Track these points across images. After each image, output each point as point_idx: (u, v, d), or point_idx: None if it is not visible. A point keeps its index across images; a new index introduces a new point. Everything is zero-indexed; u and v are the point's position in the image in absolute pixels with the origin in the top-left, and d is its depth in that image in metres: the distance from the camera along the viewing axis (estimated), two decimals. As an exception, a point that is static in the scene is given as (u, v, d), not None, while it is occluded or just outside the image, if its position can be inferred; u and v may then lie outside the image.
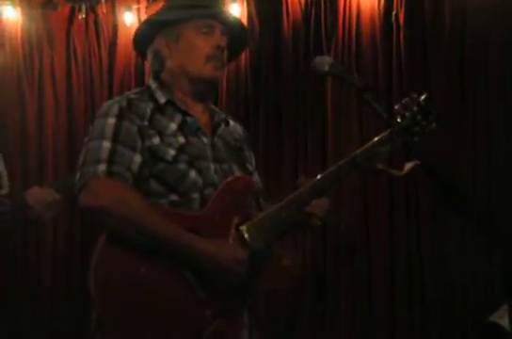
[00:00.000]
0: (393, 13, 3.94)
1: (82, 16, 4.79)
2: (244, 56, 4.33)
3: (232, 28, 2.24)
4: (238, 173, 2.17)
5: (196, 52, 2.14)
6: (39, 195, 2.62)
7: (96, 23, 4.80)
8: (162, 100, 2.14)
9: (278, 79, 4.28)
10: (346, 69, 2.20)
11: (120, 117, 2.05)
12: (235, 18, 2.35)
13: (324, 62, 2.03)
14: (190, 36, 2.16)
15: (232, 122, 2.30)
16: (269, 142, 4.20)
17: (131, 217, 1.96)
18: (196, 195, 2.06)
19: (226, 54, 2.19)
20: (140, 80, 4.52)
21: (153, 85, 2.19)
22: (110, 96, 4.74)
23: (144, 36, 2.24)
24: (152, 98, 2.14)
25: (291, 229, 2.14)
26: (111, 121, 2.05)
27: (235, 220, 2.06)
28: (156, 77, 2.22)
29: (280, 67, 4.28)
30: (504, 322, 2.74)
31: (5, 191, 2.81)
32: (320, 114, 4.12)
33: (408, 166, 2.16)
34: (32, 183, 4.16)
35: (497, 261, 3.39)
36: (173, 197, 2.04)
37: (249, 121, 4.26)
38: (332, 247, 3.98)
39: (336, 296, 3.93)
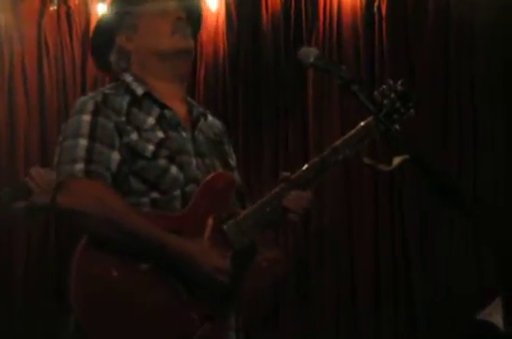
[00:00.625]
0: (375, 4, 3.87)
1: (53, 8, 4.66)
2: (222, 48, 4.24)
3: (185, 3, 2.19)
4: (220, 169, 2.11)
5: (158, 30, 2.11)
6: (39, 175, 2.47)
7: (68, 14, 4.68)
8: (139, 91, 2.08)
9: (257, 72, 4.19)
10: (332, 60, 2.12)
11: (95, 113, 1.99)
12: None
13: (309, 53, 1.94)
14: (147, 19, 2.12)
15: (210, 117, 2.23)
16: (249, 136, 4.11)
17: (110, 218, 1.91)
18: (177, 192, 2.00)
19: (187, 23, 2.14)
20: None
21: (129, 78, 2.12)
22: (83, 92, 4.61)
23: (103, 40, 2.18)
24: (129, 90, 2.09)
25: (270, 224, 2.08)
26: (86, 117, 1.99)
27: (218, 219, 2.00)
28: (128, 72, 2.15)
29: (259, 60, 4.18)
30: (495, 319, 2.71)
31: None
32: (301, 107, 4.04)
33: (397, 160, 2.10)
34: (3, 182, 4.05)
35: (487, 257, 3.35)
36: (154, 194, 1.99)
37: (228, 115, 4.16)
38: (315, 245, 3.91)
39: (319, 294, 3.87)
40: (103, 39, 2.18)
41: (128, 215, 1.92)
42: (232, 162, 2.21)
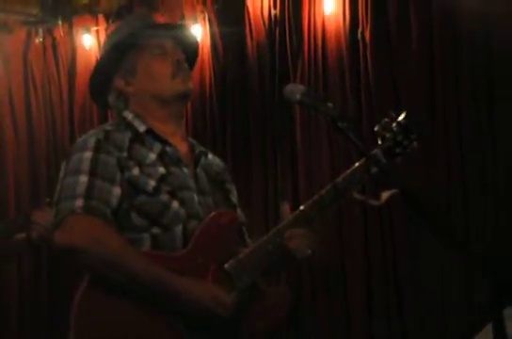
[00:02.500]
0: (359, 30, 3.89)
1: (39, 40, 4.70)
2: (209, 77, 4.27)
3: (180, 38, 2.20)
4: (222, 206, 2.10)
5: (157, 74, 2.10)
6: (40, 217, 2.56)
7: (54, 46, 4.73)
8: (142, 128, 2.09)
9: (244, 101, 4.21)
10: (319, 97, 2.13)
11: (97, 150, 1.99)
12: (177, 25, 2.33)
13: (295, 90, 1.94)
14: (145, 62, 2.12)
15: (210, 155, 2.23)
16: (238, 165, 4.10)
17: (108, 257, 1.90)
18: (179, 227, 1.99)
19: (187, 65, 2.14)
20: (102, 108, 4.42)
21: (129, 115, 2.12)
22: (71, 122, 4.65)
23: (100, 83, 2.18)
24: (130, 127, 2.09)
25: (279, 266, 2.06)
26: (88, 154, 1.98)
27: (220, 260, 1.98)
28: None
29: (245, 88, 4.22)
30: None
31: None
32: (289, 136, 4.06)
33: (386, 195, 2.10)
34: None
35: (476, 281, 3.36)
36: (155, 230, 1.97)
37: (216, 144, 4.18)
38: (308, 277, 3.90)
39: (313, 324, 3.85)
40: (100, 81, 2.17)
41: (126, 255, 1.91)
42: (234, 199, 2.19)
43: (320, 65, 3.98)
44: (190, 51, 2.22)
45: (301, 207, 2.04)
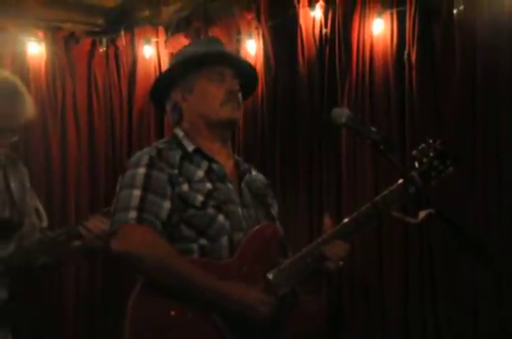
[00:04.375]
0: (406, 52, 4.02)
1: (103, 49, 4.94)
2: (260, 91, 4.42)
3: (242, 70, 2.36)
4: (263, 220, 2.27)
5: (210, 98, 2.27)
6: (92, 223, 2.70)
7: (116, 55, 4.95)
8: (190, 148, 2.27)
9: (293, 115, 4.38)
10: (363, 121, 2.30)
11: (150, 166, 2.18)
12: (243, 60, 2.52)
13: (341, 114, 2.12)
14: (203, 85, 2.28)
15: (254, 172, 2.41)
16: (285, 178, 4.29)
17: (160, 262, 2.07)
18: (224, 239, 2.17)
19: (240, 96, 2.31)
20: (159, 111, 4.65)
21: (180, 134, 2.32)
22: (130, 127, 4.90)
23: (160, 92, 2.37)
24: (181, 146, 2.27)
25: (312, 274, 2.21)
26: (141, 170, 2.18)
27: (263, 269, 2.15)
28: (179, 126, 2.34)
29: (295, 103, 4.37)
30: None
31: (45, 225, 2.92)
32: (335, 150, 4.19)
33: (423, 214, 2.26)
34: (55, 216, 4.32)
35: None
36: (203, 241, 2.15)
37: (265, 157, 4.35)
38: (347, 290, 4.07)
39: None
40: (159, 89, 2.36)
41: (177, 260, 2.09)
42: (274, 213, 2.36)
43: (367, 84, 4.12)
44: (248, 82, 2.39)
45: (341, 222, 2.21)
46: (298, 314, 2.18)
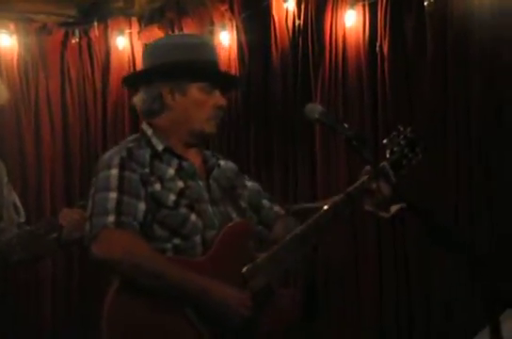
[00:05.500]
0: (378, 44, 4.05)
1: (75, 40, 4.93)
2: (234, 83, 4.47)
3: (230, 85, 2.42)
4: (234, 214, 2.29)
5: (200, 110, 2.25)
6: (68, 215, 2.70)
7: (89, 47, 4.94)
8: (159, 147, 2.25)
9: (267, 105, 4.41)
10: (336, 118, 2.32)
11: (122, 167, 2.17)
12: (233, 75, 2.46)
13: (314, 110, 2.14)
14: (196, 93, 2.25)
15: (222, 162, 2.41)
16: (259, 171, 4.33)
17: (141, 265, 2.09)
18: (198, 237, 2.19)
19: (223, 112, 2.32)
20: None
21: (149, 131, 2.29)
22: (104, 120, 4.90)
23: (144, 76, 2.34)
24: (150, 144, 2.26)
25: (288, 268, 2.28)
26: (114, 172, 2.17)
27: (238, 265, 2.18)
28: (149, 120, 2.30)
29: (269, 93, 4.41)
30: None
31: (22, 219, 2.92)
32: (309, 140, 4.23)
33: (395, 208, 2.31)
34: (31, 210, 4.32)
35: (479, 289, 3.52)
36: (176, 240, 2.17)
37: (240, 149, 4.40)
38: (322, 273, 4.13)
39: (326, 321, 4.07)
40: (145, 76, 2.32)
41: (157, 261, 2.11)
42: (244, 203, 2.36)
43: (340, 75, 4.16)
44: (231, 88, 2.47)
45: (313, 216, 2.22)
46: (273, 309, 2.20)
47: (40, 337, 4.53)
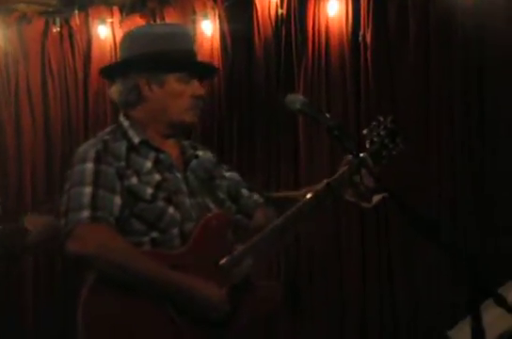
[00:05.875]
0: (361, 33, 4.06)
1: (56, 29, 4.86)
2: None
3: (208, 74, 2.40)
4: (212, 206, 2.27)
5: (178, 101, 2.22)
6: (34, 220, 2.69)
7: (70, 36, 4.86)
8: (136, 140, 2.21)
9: (250, 94, 4.39)
10: (318, 107, 2.30)
11: (97, 161, 2.13)
12: (210, 64, 2.44)
13: (295, 100, 2.10)
14: (174, 84, 2.22)
15: (201, 153, 2.37)
16: (242, 158, 4.32)
17: (117, 260, 2.06)
18: (175, 230, 2.16)
19: (202, 102, 2.28)
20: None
21: (125, 123, 2.25)
22: (86, 109, 4.85)
23: (120, 67, 2.31)
24: (126, 137, 2.22)
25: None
26: (89, 165, 2.13)
27: (216, 257, 2.16)
28: (126, 112, 2.27)
29: (252, 82, 4.39)
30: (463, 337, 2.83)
31: None
32: (292, 128, 4.23)
33: (376, 198, 2.30)
34: (11, 201, 4.30)
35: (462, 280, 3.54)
36: (154, 234, 2.14)
37: (224, 136, 4.38)
38: (305, 264, 4.13)
39: (310, 310, 4.08)
40: (122, 66, 2.28)
41: (134, 256, 2.08)
42: (222, 194, 2.35)
43: (323, 64, 4.16)
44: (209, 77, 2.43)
45: (294, 206, 2.20)
46: (252, 301, 2.19)
47: (22, 327, 4.50)
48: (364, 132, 2.28)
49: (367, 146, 2.27)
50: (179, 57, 2.25)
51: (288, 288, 4.04)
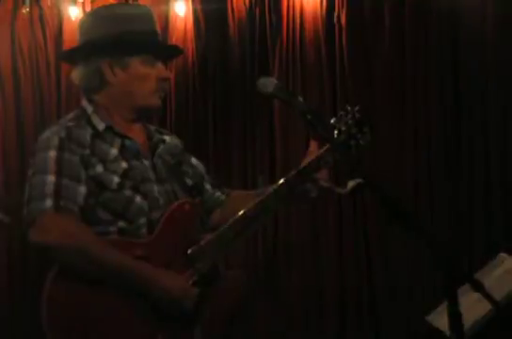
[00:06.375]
0: (335, 14, 4.03)
1: (26, 10, 4.75)
2: (191, 53, 4.38)
3: (172, 55, 2.38)
4: (181, 193, 2.23)
5: (143, 84, 2.17)
6: None
7: (41, 16, 4.76)
8: (100, 126, 2.16)
9: (224, 76, 4.34)
10: (291, 91, 2.26)
11: (60, 149, 2.07)
12: (174, 45, 2.38)
13: (268, 84, 2.02)
14: (138, 67, 2.17)
15: (167, 138, 2.34)
16: (218, 139, 4.28)
17: (81, 251, 2.00)
18: (143, 220, 2.12)
19: (168, 84, 2.25)
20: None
21: (89, 109, 2.19)
22: (58, 92, 4.77)
23: (80, 51, 2.22)
24: (90, 123, 2.16)
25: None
26: (52, 153, 2.07)
27: (183, 246, 2.12)
28: (90, 97, 2.21)
29: (226, 64, 4.34)
30: (441, 322, 2.83)
31: None
32: (268, 110, 4.19)
33: (351, 184, 2.28)
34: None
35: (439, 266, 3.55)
36: (121, 224, 2.10)
37: (198, 119, 4.32)
38: (283, 247, 4.12)
39: (287, 294, 4.07)
40: (83, 50, 2.19)
41: (98, 247, 2.02)
42: (189, 180, 2.32)
43: (298, 46, 4.12)
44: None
45: (264, 195, 2.17)
46: (220, 291, 2.17)
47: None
48: (332, 121, 2.26)
49: (335, 136, 2.24)
50: (143, 39, 2.20)
51: (265, 275, 4.03)
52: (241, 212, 2.18)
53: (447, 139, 3.76)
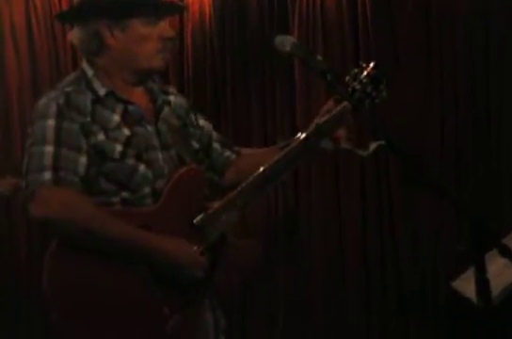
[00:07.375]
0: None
1: (40, -29, 4.64)
2: (208, 12, 4.25)
3: (175, 13, 2.35)
4: (187, 158, 2.16)
5: (145, 45, 2.09)
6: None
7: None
8: (101, 91, 2.09)
9: (243, 35, 4.20)
10: (309, 50, 2.16)
11: (59, 117, 2.00)
12: (176, 3, 2.29)
13: (285, 42, 1.97)
14: (138, 27, 2.08)
15: (172, 98, 2.25)
16: (236, 101, 4.17)
17: (83, 224, 1.95)
18: (147, 189, 2.07)
19: (172, 45, 2.15)
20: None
21: (90, 72, 2.11)
22: (74, 52, 4.65)
23: (77, 12, 2.14)
24: (90, 88, 2.08)
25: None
26: (50, 122, 1.99)
27: (189, 215, 2.06)
28: (91, 60, 2.13)
29: (244, 23, 4.20)
30: (468, 289, 2.76)
31: None
32: (288, 70, 4.07)
33: (373, 146, 2.20)
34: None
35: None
36: (125, 194, 2.05)
37: (217, 78, 4.21)
38: (304, 198, 4.03)
39: (309, 251, 4.00)
40: (80, 11, 2.11)
41: (101, 219, 1.97)
42: (195, 143, 2.24)
43: (318, 6, 3.95)
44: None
45: (272, 160, 2.11)
46: (230, 260, 2.12)
47: (16, 280, 4.40)
48: (346, 79, 2.18)
49: (349, 94, 2.16)
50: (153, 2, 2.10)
51: (287, 234, 3.96)
52: (250, 177, 2.09)
53: (475, 98, 3.62)
